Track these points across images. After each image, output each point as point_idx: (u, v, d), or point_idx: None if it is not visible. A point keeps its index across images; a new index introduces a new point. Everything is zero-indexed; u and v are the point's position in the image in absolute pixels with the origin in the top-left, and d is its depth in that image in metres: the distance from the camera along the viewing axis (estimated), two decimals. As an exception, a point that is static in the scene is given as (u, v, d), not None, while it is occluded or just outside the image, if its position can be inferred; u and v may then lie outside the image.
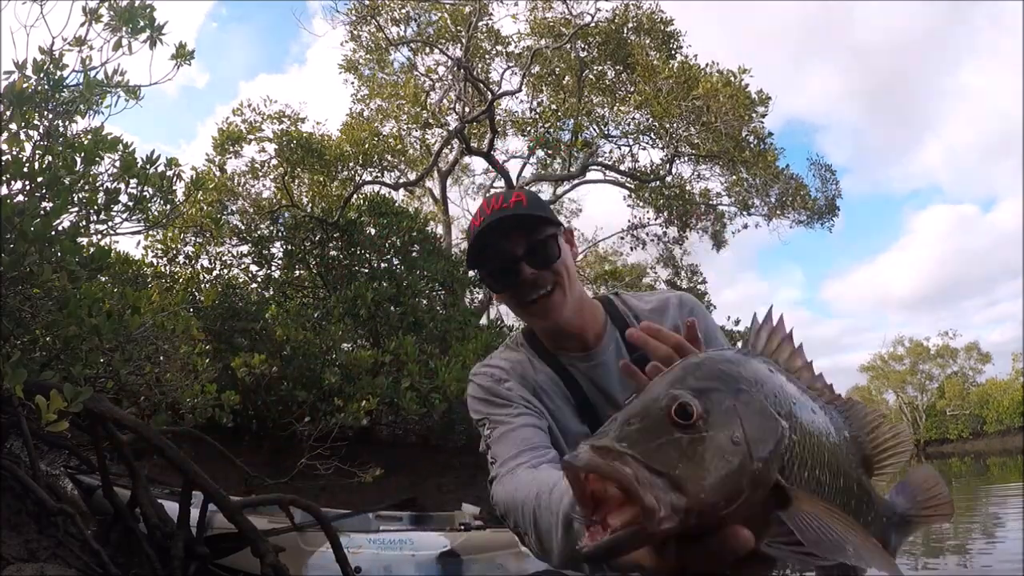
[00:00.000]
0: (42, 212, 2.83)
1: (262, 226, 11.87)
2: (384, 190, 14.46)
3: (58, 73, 3.45)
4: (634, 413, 0.56)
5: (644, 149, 17.24)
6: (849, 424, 0.77)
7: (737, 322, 14.53)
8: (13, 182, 3.04)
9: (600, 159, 17.49)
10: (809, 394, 0.71)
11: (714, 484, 0.52)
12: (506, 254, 1.39)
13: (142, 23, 3.63)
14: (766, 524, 0.58)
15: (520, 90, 16.47)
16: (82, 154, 3.25)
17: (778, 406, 0.61)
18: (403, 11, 15.59)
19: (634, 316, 1.53)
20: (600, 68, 16.53)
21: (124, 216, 3.69)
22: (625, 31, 15.68)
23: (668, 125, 14.96)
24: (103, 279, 4.19)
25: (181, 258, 10.10)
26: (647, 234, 17.95)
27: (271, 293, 11.19)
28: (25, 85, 3.28)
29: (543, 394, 1.47)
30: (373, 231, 11.37)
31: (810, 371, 0.76)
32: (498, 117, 16.24)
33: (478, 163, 19.31)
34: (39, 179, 3.04)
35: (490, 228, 1.38)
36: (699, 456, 0.52)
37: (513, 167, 17.88)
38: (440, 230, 15.98)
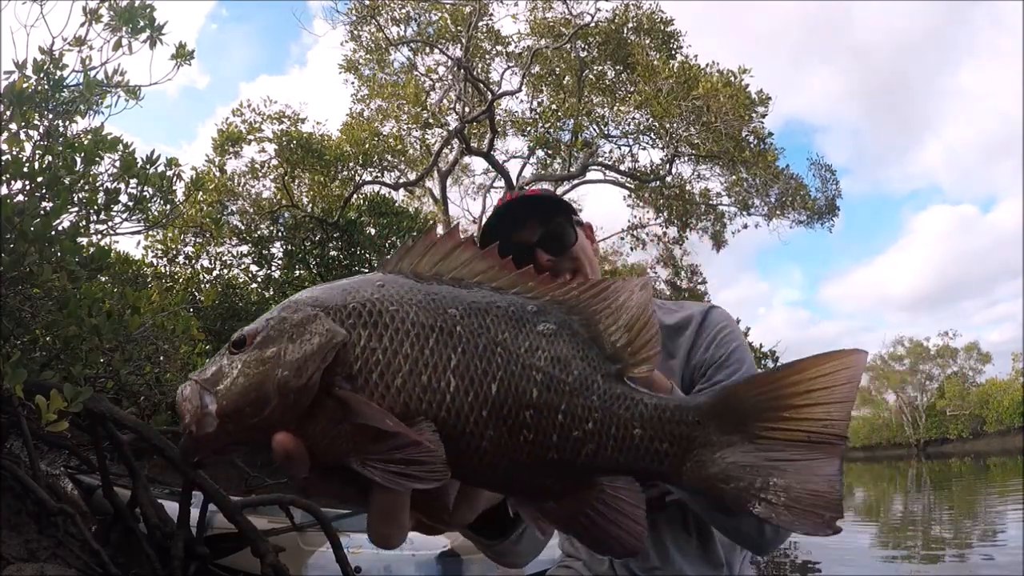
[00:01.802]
0: (42, 212, 2.83)
1: (262, 226, 11.89)
2: (384, 190, 14.48)
3: (58, 73, 3.45)
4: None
5: (644, 149, 17.29)
6: (570, 317, 0.67)
7: (737, 322, 14.54)
8: (13, 182, 3.04)
9: (600, 159, 17.50)
10: (470, 296, 0.65)
11: (236, 391, 0.58)
12: (519, 243, 1.32)
13: (142, 23, 3.64)
14: (353, 439, 0.58)
15: (520, 90, 16.50)
16: (82, 154, 3.25)
17: (352, 318, 0.61)
18: (403, 11, 15.61)
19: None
20: (600, 68, 16.54)
21: (124, 216, 3.69)
22: (625, 31, 15.69)
23: (668, 125, 14.97)
24: (103, 279, 4.18)
25: (181, 258, 10.11)
26: (647, 234, 17.98)
27: (271, 293, 11.20)
28: (25, 85, 3.28)
29: None
30: (373, 231, 11.38)
31: (488, 264, 0.67)
32: (498, 117, 16.26)
33: (478, 163, 19.33)
34: (39, 179, 3.04)
35: (500, 218, 1.32)
36: (233, 371, 0.60)
37: (513, 167, 17.91)
38: (440, 230, 15.97)
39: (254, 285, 11.32)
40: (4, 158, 3.02)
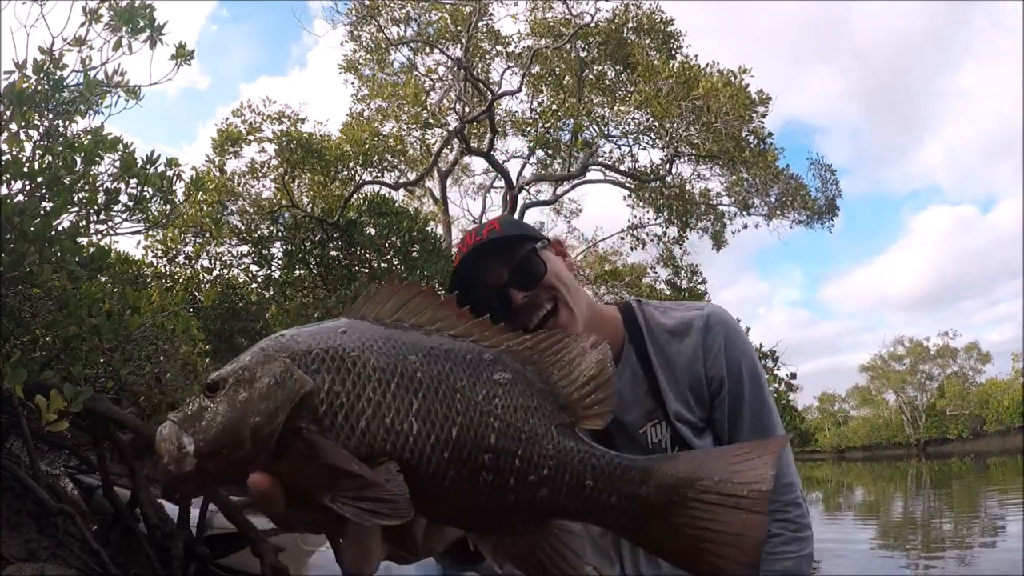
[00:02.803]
0: (42, 212, 2.83)
1: (262, 226, 11.89)
2: (384, 190, 14.48)
3: (58, 73, 3.45)
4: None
5: (644, 149, 17.25)
6: (527, 367, 0.71)
7: (737, 321, 14.52)
8: (13, 182, 3.04)
9: (600, 159, 17.48)
10: (430, 344, 0.69)
11: (213, 433, 0.62)
12: (489, 286, 1.32)
13: (142, 23, 3.63)
14: (323, 477, 0.62)
15: (520, 90, 16.48)
16: (82, 154, 3.25)
17: (316, 364, 0.65)
18: (403, 11, 15.60)
19: (652, 332, 1.45)
20: (600, 68, 16.53)
21: (124, 216, 3.69)
22: (625, 31, 15.68)
23: (668, 125, 14.95)
24: (103, 279, 4.18)
25: (181, 258, 10.09)
26: (647, 234, 17.93)
27: (271, 293, 11.19)
28: (25, 85, 3.27)
29: None
30: (373, 231, 11.37)
31: (446, 312, 0.72)
32: (498, 117, 16.25)
33: (478, 163, 19.31)
34: (39, 179, 3.03)
35: (466, 265, 1.33)
36: (210, 415, 0.63)
37: (513, 167, 17.89)
38: (440, 230, 15.98)
39: (254, 285, 11.31)
40: (4, 158, 3.02)
